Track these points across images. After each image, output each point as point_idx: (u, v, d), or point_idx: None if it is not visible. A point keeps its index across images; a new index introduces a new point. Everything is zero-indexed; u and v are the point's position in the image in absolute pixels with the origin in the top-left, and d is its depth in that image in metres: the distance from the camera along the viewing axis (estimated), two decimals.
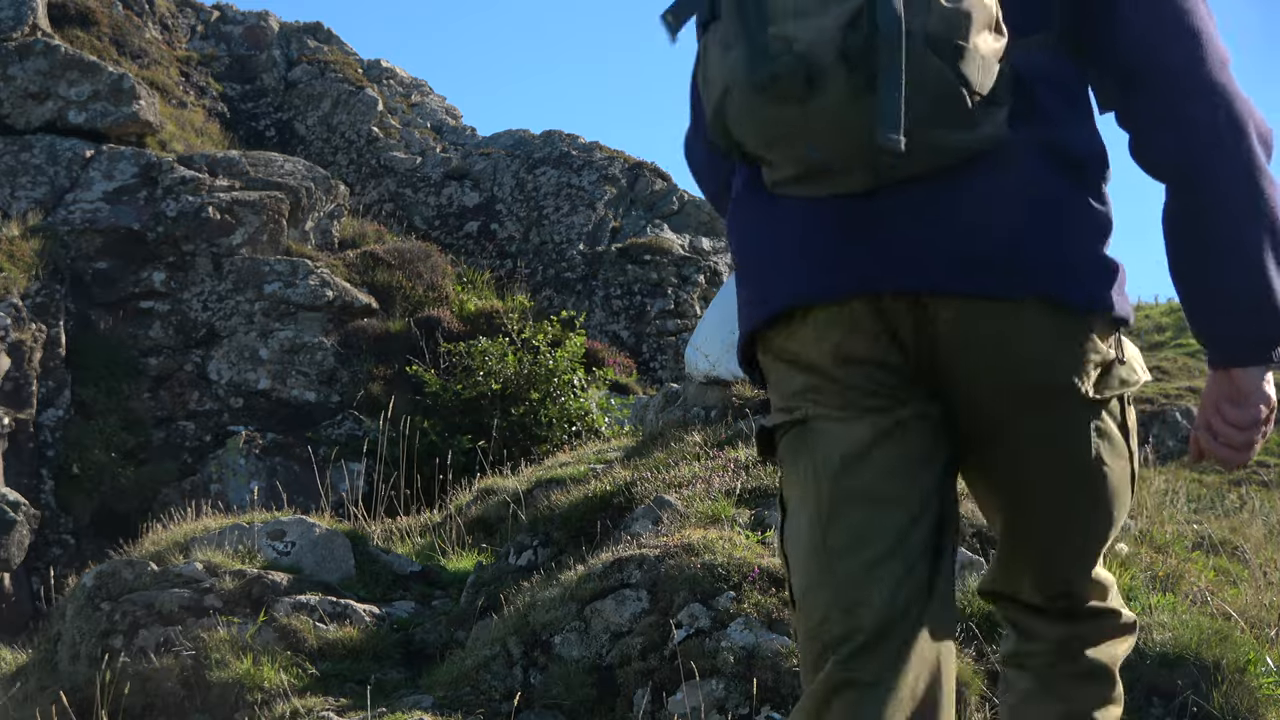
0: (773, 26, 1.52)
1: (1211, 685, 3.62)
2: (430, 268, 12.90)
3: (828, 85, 1.50)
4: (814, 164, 1.61)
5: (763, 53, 1.52)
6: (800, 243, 1.68)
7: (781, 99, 1.52)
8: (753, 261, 1.76)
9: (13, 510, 8.99)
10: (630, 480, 5.27)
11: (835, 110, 1.51)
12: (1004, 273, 1.60)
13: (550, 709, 3.98)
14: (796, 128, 1.55)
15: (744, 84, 1.54)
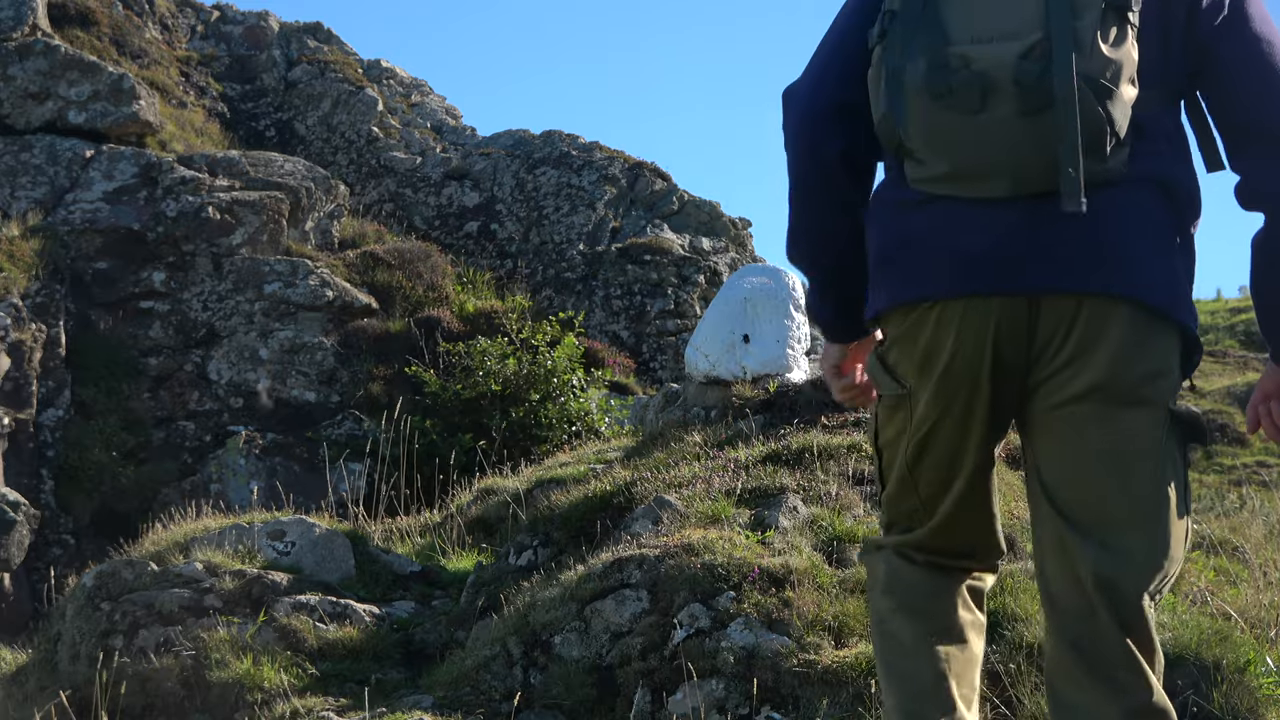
0: (951, 46, 1.82)
1: (1211, 685, 3.62)
2: (430, 268, 12.90)
3: (999, 103, 1.80)
4: (964, 167, 1.87)
5: (943, 66, 1.82)
6: (949, 241, 1.94)
7: (954, 107, 1.82)
8: (899, 249, 2.01)
9: (13, 510, 8.99)
10: (630, 480, 5.27)
11: (1001, 126, 1.80)
12: (1113, 277, 1.89)
13: (550, 709, 3.98)
14: (960, 134, 1.84)
15: (921, 89, 1.84)
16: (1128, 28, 1.82)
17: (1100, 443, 1.92)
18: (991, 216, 1.90)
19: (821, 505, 4.65)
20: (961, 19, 1.84)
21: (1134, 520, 1.91)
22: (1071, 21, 1.78)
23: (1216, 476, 12.17)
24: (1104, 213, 1.87)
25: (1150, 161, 1.91)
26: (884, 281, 2.05)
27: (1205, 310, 20.77)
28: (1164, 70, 1.94)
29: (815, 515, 4.56)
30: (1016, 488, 5.58)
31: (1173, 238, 1.95)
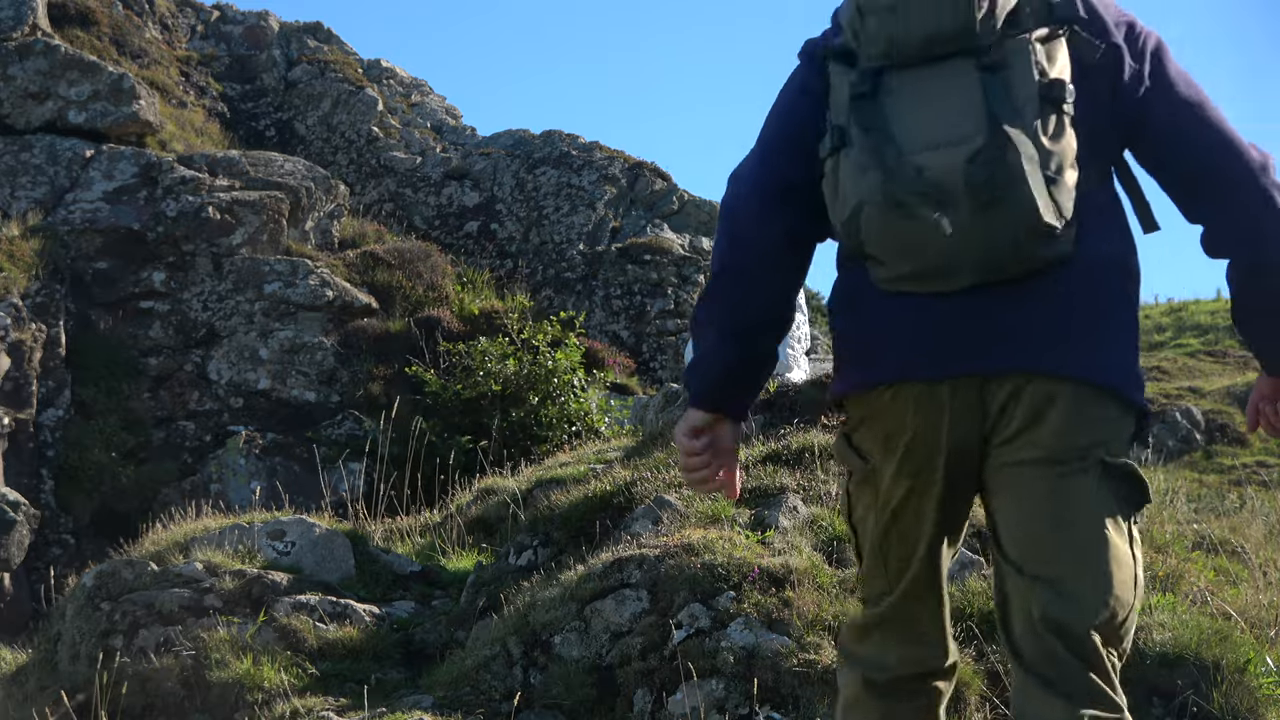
0: (904, 157, 1.92)
1: (1211, 685, 3.62)
2: (430, 268, 12.90)
3: (953, 207, 1.90)
4: (927, 267, 1.99)
5: (899, 177, 1.92)
6: (912, 331, 2.07)
7: (912, 216, 1.92)
8: (864, 339, 2.15)
9: (13, 510, 8.98)
10: (630, 480, 5.27)
11: (959, 227, 1.91)
12: (1063, 356, 2.02)
13: (550, 709, 3.98)
14: (922, 238, 1.94)
15: (879, 199, 1.94)
16: (1065, 119, 1.94)
17: (1047, 502, 2.03)
18: (948, 306, 2.02)
19: (821, 505, 4.65)
20: (911, 129, 1.94)
21: (1079, 569, 2.00)
22: (1012, 121, 1.90)
23: (1216, 476, 12.17)
24: (1055, 295, 2.01)
25: (1094, 239, 2.04)
26: (847, 366, 2.19)
27: (1205, 310, 20.78)
28: (1094, 148, 2.04)
29: (815, 515, 4.56)
30: None
31: (1120, 310, 2.08)
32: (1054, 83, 1.94)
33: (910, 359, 2.06)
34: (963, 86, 1.93)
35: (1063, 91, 1.94)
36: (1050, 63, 1.96)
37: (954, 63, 1.95)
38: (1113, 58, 2.07)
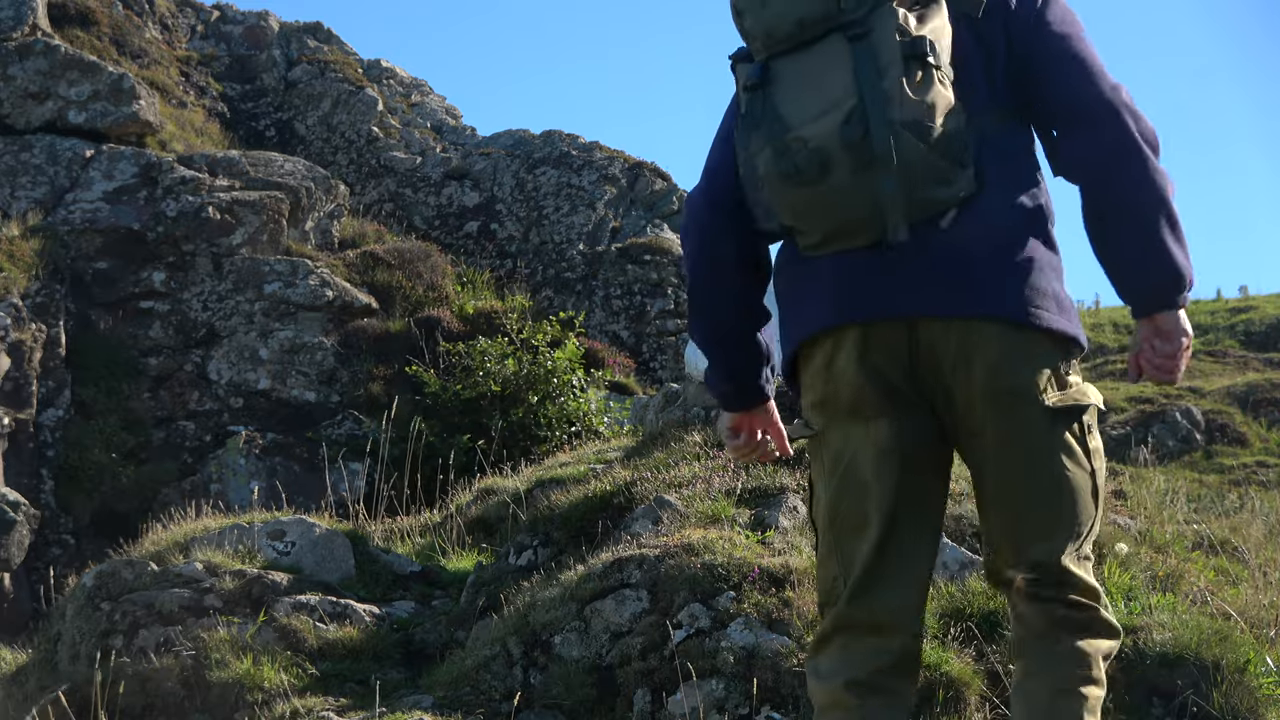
0: (790, 132, 2.09)
1: (1211, 685, 3.62)
2: (430, 268, 12.90)
3: (835, 169, 2.06)
4: (832, 230, 2.14)
5: (785, 151, 2.09)
6: (829, 286, 2.19)
7: (803, 184, 2.09)
8: (795, 303, 2.29)
9: (13, 510, 8.98)
10: (630, 480, 5.26)
11: (844, 186, 2.07)
12: (976, 297, 2.12)
13: (550, 709, 3.98)
14: (817, 203, 2.11)
15: (775, 176, 2.11)
16: (931, 71, 2.07)
17: (998, 449, 2.16)
18: (865, 261, 2.15)
19: None
20: (794, 106, 2.10)
21: (1043, 502, 2.15)
22: (878, 82, 2.04)
23: (1216, 476, 12.17)
24: (959, 234, 2.12)
25: (995, 180, 2.15)
26: (786, 332, 2.31)
27: (1205, 310, 20.77)
28: (993, 94, 2.19)
29: None
30: None
31: (1030, 241, 2.17)
32: (915, 40, 2.06)
33: (837, 307, 2.19)
34: (835, 59, 2.08)
35: (924, 46, 2.06)
36: (921, 23, 2.10)
37: (827, 40, 2.10)
38: (1002, 8, 2.21)
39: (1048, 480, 2.14)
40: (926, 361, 2.15)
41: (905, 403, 2.17)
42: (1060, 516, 2.16)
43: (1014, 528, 2.18)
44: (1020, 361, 2.13)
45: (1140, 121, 2.15)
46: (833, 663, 2.21)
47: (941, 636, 3.86)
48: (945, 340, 2.13)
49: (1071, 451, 2.16)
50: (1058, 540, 2.15)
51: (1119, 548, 4.62)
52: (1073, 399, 2.16)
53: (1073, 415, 2.16)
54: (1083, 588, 2.17)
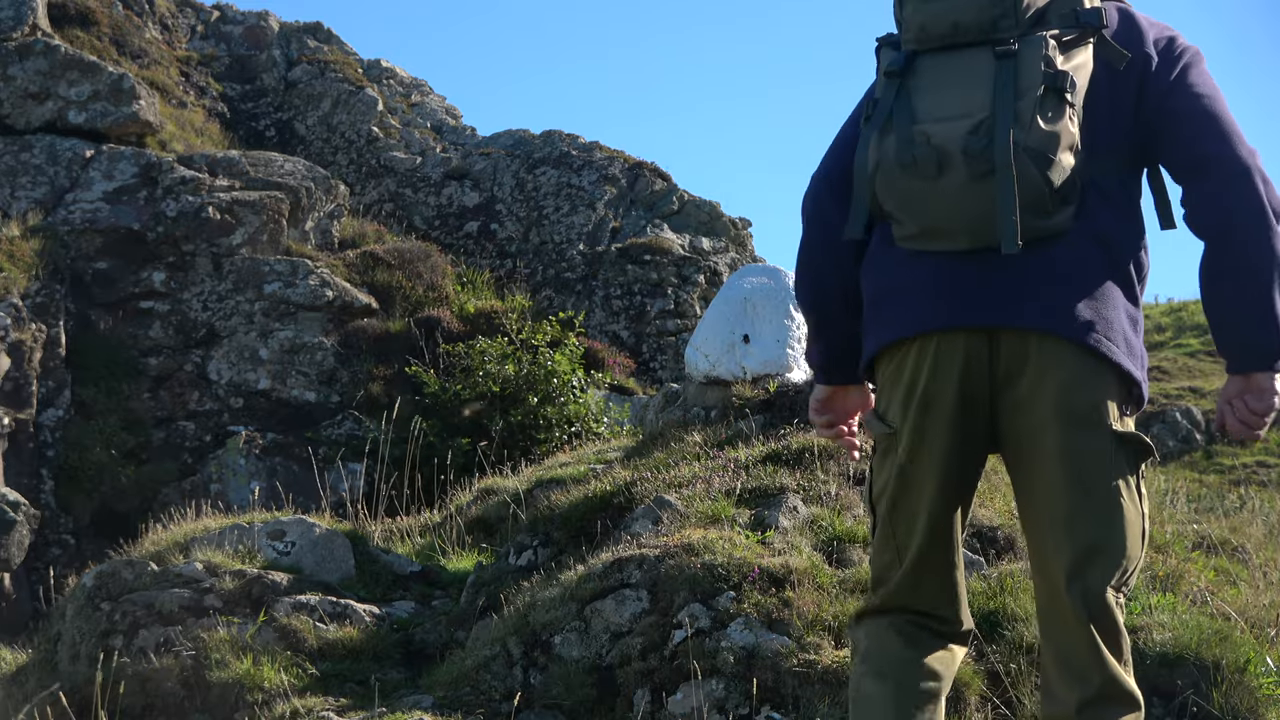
0: (917, 125, 2.19)
1: (1211, 685, 3.62)
2: (430, 268, 12.90)
3: (950, 172, 2.16)
4: (931, 226, 2.24)
5: (909, 142, 2.19)
6: (920, 289, 2.29)
7: (917, 175, 2.19)
8: (882, 301, 2.36)
9: (13, 510, 8.98)
10: (630, 480, 5.26)
11: (955, 190, 2.17)
12: (1057, 318, 2.21)
13: (550, 709, 3.98)
14: (924, 198, 2.21)
15: (893, 162, 2.21)
16: (1065, 106, 2.15)
17: (1061, 464, 2.22)
18: (956, 266, 2.25)
19: (821, 505, 4.65)
20: (929, 103, 2.22)
21: (1096, 528, 2.21)
22: (1013, 102, 2.14)
23: (1216, 476, 12.18)
24: (1050, 261, 2.22)
25: (1095, 220, 2.25)
26: (872, 327, 2.39)
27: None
28: (1113, 141, 2.28)
29: (815, 515, 4.56)
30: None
31: (1112, 286, 2.26)
32: (1059, 73, 2.15)
33: (924, 313, 2.28)
34: (978, 70, 2.19)
35: (1065, 81, 2.15)
36: (1066, 58, 2.19)
37: (975, 50, 2.21)
38: (1141, 65, 2.30)
39: (1104, 502, 2.21)
40: (1004, 371, 2.24)
41: (974, 410, 2.28)
42: (1110, 541, 2.22)
43: (1064, 545, 2.23)
44: (1091, 385, 2.22)
45: (1270, 188, 2.23)
46: (874, 642, 2.35)
47: None
48: (1023, 352, 2.23)
49: (1129, 484, 2.24)
50: (1106, 568, 2.22)
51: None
52: (1137, 435, 2.26)
53: (1136, 451, 2.25)
54: (1114, 639, 2.25)
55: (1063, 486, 2.22)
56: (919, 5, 2.26)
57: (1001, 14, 2.20)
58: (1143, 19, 2.39)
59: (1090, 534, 2.21)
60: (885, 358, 2.36)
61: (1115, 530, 2.21)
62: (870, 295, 2.41)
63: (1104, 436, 2.21)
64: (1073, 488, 2.21)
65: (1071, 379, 2.21)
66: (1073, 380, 2.21)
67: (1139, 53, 2.31)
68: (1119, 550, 2.22)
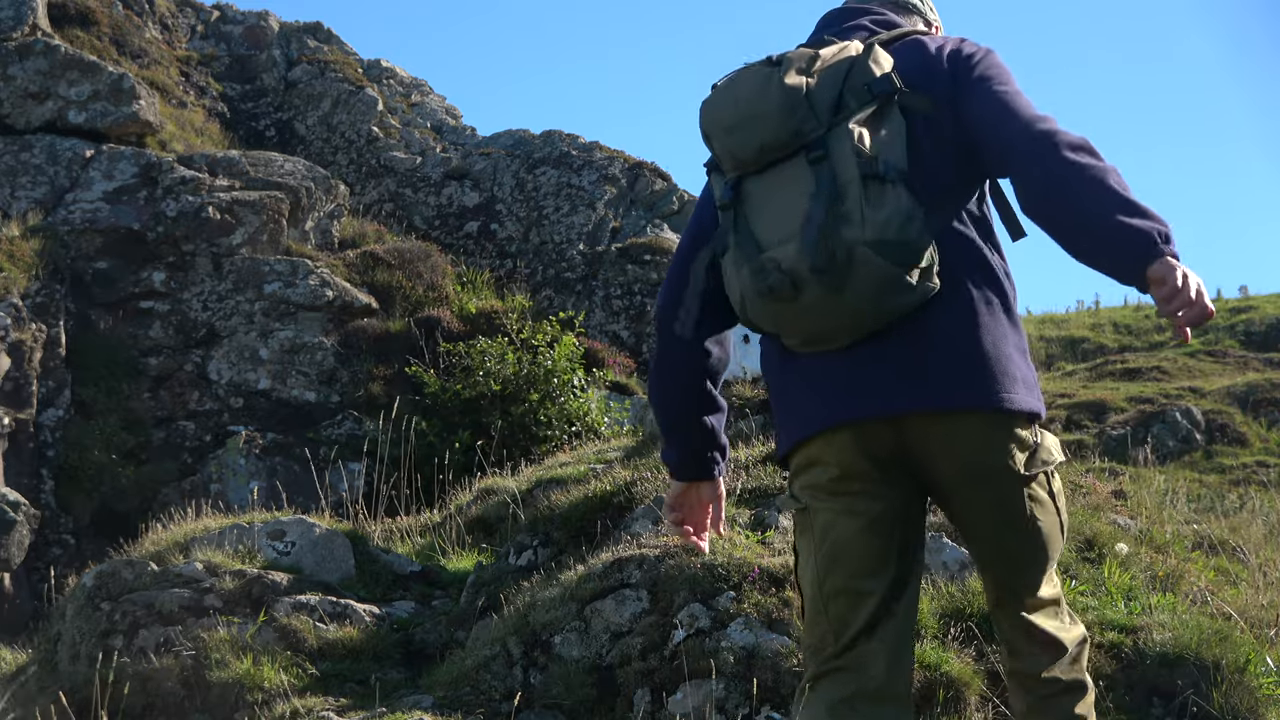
0: (764, 253, 2.25)
1: (1211, 685, 3.62)
2: (430, 268, 12.89)
3: (805, 289, 2.20)
4: (810, 336, 2.31)
5: (761, 271, 2.24)
6: (817, 389, 2.35)
7: (778, 300, 2.23)
8: (786, 401, 2.44)
9: (13, 510, 8.98)
10: (630, 480, 5.27)
11: (817, 304, 2.21)
12: (954, 392, 2.27)
13: (550, 709, 3.98)
14: (793, 317, 2.27)
15: (751, 292, 2.26)
16: (888, 186, 2.19)
17: (983, 512, 2.36)
18: (843, 362, 2.31)
19: None
20: (767, 227, 2.27)
21: (1026, 555, 2.39)
22: (839, 205, 2.18)
23: (1216, 476, 12.17)
24: (927, 334, 2.27)
25: (959, 268, 2.29)
26: (782, 427, 2.46)
27: None
28: (951, 182, 2.32)
29: None
30: None
31: (994, 328, 2.31)
32: (870, 160, 2.20)
33: (825, 409, 2.34)
34: (799, 182, 2.24)
35: (877, 166, 2.20)
36: (875, 134, 2.23)
37: (791, 162, 2.26)
38: (945, 96, 2.33)
39: (1027, 537, 2.36)
40: (914, 450, 2.31)
41: (892, 481, 2.34)
42: (1036, 562, 2.40)
43: (1002, 577, 2.42)
44: (998, 444, 2.30)
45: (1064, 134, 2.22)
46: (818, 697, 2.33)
47: (941, 636, 3.86)
48: (930, 431, 2.29)
49: (1042, 503, 2.37)
50: (1037, 576, 2.42)
51: (1119, 548, 4.62)
52: (1040, 460, 2.35)
53: (1045, 474, 2.37)
54: (1049, 606, 2.44)
55: (989, 534, 2.38)
56: (723, 138, 2.33)
57: (801, 120, 2.24)
58: (932, 45, 2.41)
59: (1020, 568, 2.39)
60: (797, 452, 2.42)
61: (1039, 552, 2.38)
62: (773, 393, 2.50)
63: (1011, 481, 2.32)
64: (998, 534, 2.37)
65: (979, 445, 2.30)
66: (980, 445, 2.30)
67: (939, 88, 2.33)
68: (1045, 562, 2.40)
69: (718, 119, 2.34)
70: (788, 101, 2.25)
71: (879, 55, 2.30)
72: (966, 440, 2.29)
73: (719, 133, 2.34)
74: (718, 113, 2.35)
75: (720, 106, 2.35)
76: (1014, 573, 2.41)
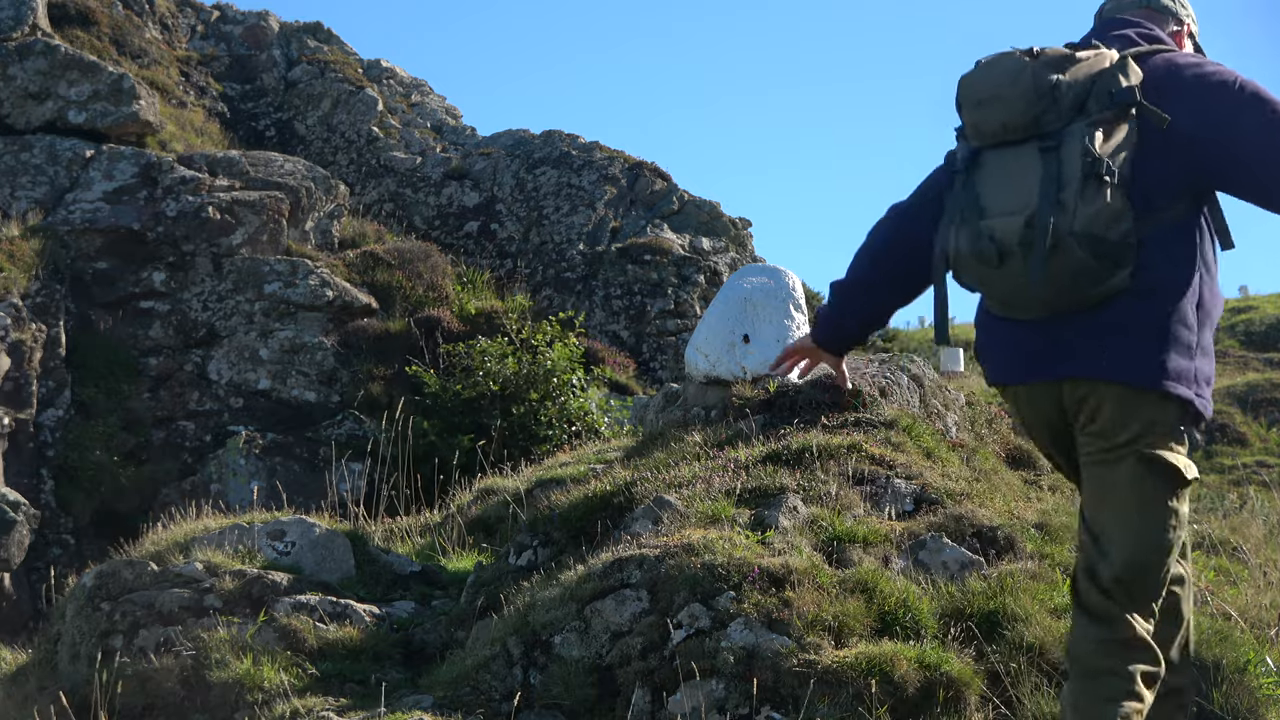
0: (983, 220, 2.63)
1: (1211, 685, 3.62)
2: (430, 268, 12.90)
3: (1010, 261, 2.59)
4: (1006, 301, 2.72)
5: (977, 235, 2.63)
6: (1004, 350, 2.82)
7: (985, 264, 2.64)
8: (985, 350, 2.90)
9: (13, 510, 8.99)
10: (630, 480, 5.26)
11: (1017, 275, 2.59)
12: (1106, 366, 2.62)
13: (550, 709, 3.98)
14: (994, 281, 2.68)
15: (965, 252, 2.67)
16: (1105, 189, 2.51)
17: (1100, 483, 2.68)
18: (1030, 330, 2.70)
19: (821, 505, 4.65)
20: (992, 198, 2.63)
21: (1113, 534, 2.67)
22: (1057, 194, 2.51)
23: (1216, 476, 12.17)
24: (1107, 318, 2.60)
25: (1149, 273, 2.58)
26: (985, 367, 2.94)
27: None
28: (1167, 196, 2.59)
29: (815, 515, 4.56)
30: (1016, 487, 5.57)
31: (1164, 325, 2.59)
32: (1096, 160, 2.51)
33: (1007, 369, 2.81)
34: (1029, 165, 2.57)
35: (1101, 166, 2.51)
36: (1107, 139, 2.54)
37: (1026, 146, 2.59)
38: (1183, 114, 2.57)
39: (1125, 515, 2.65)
40: (1071, 409, 2.70)
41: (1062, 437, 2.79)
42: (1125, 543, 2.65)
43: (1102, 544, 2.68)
44: (1137, 419, 2.61)
45: None
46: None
47: (941, 636, 3.86)
48: (1083, 394, 2.66)
49: (1153, 501, 2.64)
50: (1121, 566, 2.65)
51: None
52: (1168, 459, 2.63)
53: (1165, 471, 2.64)
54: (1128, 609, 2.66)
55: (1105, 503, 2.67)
56: (971, 109, 2.68)
57: (1043, 110, 2.56)
58: (1184, 64, 2.68)
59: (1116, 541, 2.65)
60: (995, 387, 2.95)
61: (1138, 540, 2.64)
62: (977, 342, 2.95)
63: (1130, 459, 2.61)
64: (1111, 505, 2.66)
65: (1118, 416, 2.62)
66: (1118, 417, 2.62)
67: (1178, 106, 2.58)
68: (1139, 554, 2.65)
69: (971, 93, 2.69)
70: (1035, 91, 2.57)
71: (1129, 67, 2.61)
72: (1110, 409, 2.61)
73: (970, 104, 2.68)
74: (972, 87, 2.69)
75: (976, 82, 2.69)
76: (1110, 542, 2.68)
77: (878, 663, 3.63)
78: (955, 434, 6.10)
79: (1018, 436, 6.65)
